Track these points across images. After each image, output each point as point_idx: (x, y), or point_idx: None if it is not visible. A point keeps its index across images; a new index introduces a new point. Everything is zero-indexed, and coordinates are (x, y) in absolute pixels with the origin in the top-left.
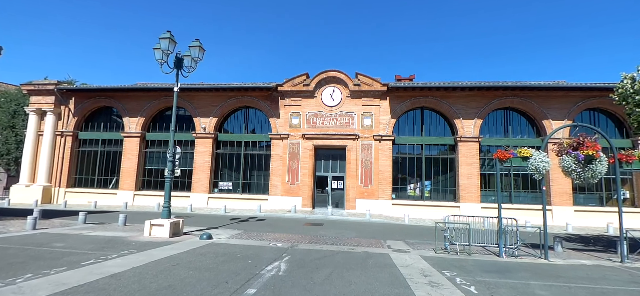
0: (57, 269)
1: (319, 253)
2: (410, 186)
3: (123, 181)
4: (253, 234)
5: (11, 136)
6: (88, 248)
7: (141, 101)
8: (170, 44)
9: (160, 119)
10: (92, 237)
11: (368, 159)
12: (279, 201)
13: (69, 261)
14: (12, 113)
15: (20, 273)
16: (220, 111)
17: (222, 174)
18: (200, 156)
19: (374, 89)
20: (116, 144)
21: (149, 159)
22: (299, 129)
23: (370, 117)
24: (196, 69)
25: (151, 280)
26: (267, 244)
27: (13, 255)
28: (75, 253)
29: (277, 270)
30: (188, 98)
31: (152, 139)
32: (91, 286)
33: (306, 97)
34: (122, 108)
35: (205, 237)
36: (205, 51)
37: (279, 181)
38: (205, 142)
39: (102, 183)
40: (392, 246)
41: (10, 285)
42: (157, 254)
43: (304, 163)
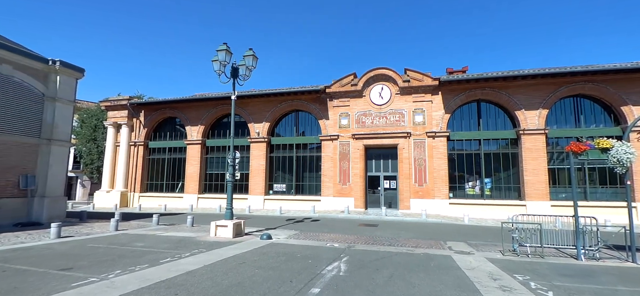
0: (141, 266)
1: (377, 254)
2: (468, 184)
3: (188, 185)
4: (310, 235)
5: (93, 148)
6: (164, 247)
7: (201, 110)
8: (226, 55)
9: (219, 126)
10: (166, 237)
11: (421, 158)
12: (331, 202)
13: (149, 259)
14: (94, 127)
15: (111, 270)
16: (272, 116)
17: (276, 176)
18: (256, 160)
19: (425, 84)
20: (180, 152)
21: (210, 164)
22: (349, 130)
23: (421, 113)
24: (250, 77)
25: (222, 278)
26: (324, 244)
27: (103, 253)
28: (153, 251)
29: (337, 270)
30: (242, 105)
31: (212, 145)
32: (171, 282)
33: (354, 97)
34: (185, 118)
35: (265, 237)
36: (258, 58)
37: (330, 182)
38: (260, 146)
39: (170, 187)
40: (454, 247)
41: (104, 280)
42: (224, 253)
43: (355, 163)
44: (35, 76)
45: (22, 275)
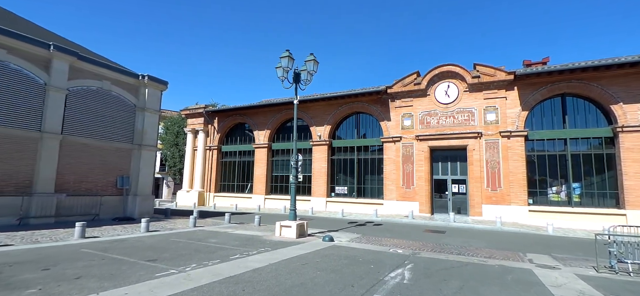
0: (213, 261)
1: (445, 263)
2: (551, 189)
3: (255, 187)
4: (372, 239)
5: (176, 152)
6: (234, 244)
7: (267, 116)
8: (289, 61)
9: (283, 130)
10: (236, 235)
11: (494, 160)
12: (394, 206)
13: (221, 255)
14: (176, 134)
15: (188, 263)
16: (333, 119)
17: (338, 179)
18: (318, 163)
19: (498, 79)
20: (249, 155)
21: (275, 166)
22: (412, 131)
23: (494, 111)
24: (312, 81)
25: (286, 277)
26: (387, 249)
27: (182, 247)
28: (225, 248)
29: (401, 277)
30: (304, 109)
31: (277, 148)
32: (239, 278)
33: (418, 97)
34: (252, 123)
35: (328, 239)
36: (319, 62)
37: (393, 185)
38: (321, 149)
39: (240, 188)
40: (535, 260)
41: (182, 273)
42: (287, 253)
43: (419, 166)
44: (128, 89)
45: (118, 264)
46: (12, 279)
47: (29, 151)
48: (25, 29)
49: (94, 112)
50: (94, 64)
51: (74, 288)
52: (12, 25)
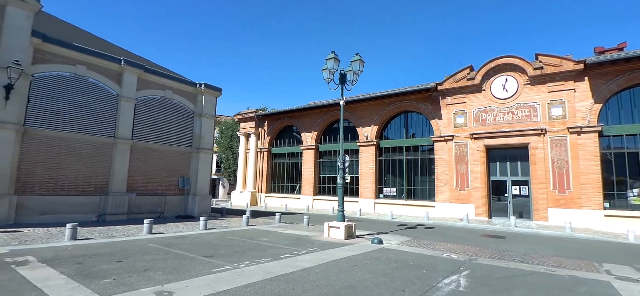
0: (265, 259)
1: (505, 271)
2: (632, 191)
3: (304, 187)
4: (423, 243)
5: (230, 154)
6: (284, 243)
7: (313, 118)
8: (334, 63)
9: (330, 132)
10: (286, 234)
11: (562, 159)
12: (447, 209)
13: (272, 254)
14: (230, 137)
15: (241, 260)
16: (380, 119)
17: (386, 180)
18: (365, 163)
19: (564, 69)
20: (297, 156)
21: (322, 167)
22: (465, 129)
23: (560, 105)
24: (357, 81)
25: (335, 278)
26: (440, 254)
27: (236, 245)
28: (275, 247)
29: (456, 284)
30: (351, 110)
31: (324, 150)
32: (289, 277)
33: (472, 93)
34: (300, 125)
35: (376, 242)
36: (364, 62)
37: (445, 186)
38: (368, 150)
39: (289, 189)
40: (614, 271)
41: (236, 269)
42: (336, 254)
43: (474, 166)
44: (187, 97)
45: (180, 259)
46: (92, 269)
47: (105, 155)
48: (97, 45)
49: (158, 119)
50: (158, 75)
51: (142, 279)
52: (87, 42)
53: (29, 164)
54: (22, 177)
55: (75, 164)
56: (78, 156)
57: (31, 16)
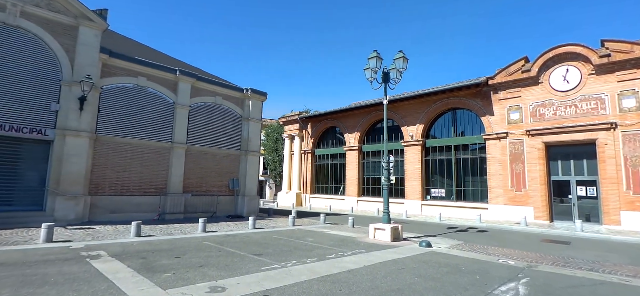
0: (310, 259)
1: (571, 279)
2: None
3: (348, 188)
4: (475, 247)
5: (275, 156)
6: (329, 244)
7: (356, 118)
8: (377, 61)
9: (373, 132)
10: (331, 235)
11: (636, 156)
12: (501, 211)
13: (317, 254)
14: (275, 140)
15: (288, 259)
16: (426, 117)
17: (433, 181)
18: (410, 164)
19: (636, 56)
20: (341, 157)
21: (366, 168)
22: (521, 125)
23: (633, 96)
24: (401, 79)
25: (381, 281)
26: (495, 259)
27: (283, 244)
28: (320, 247)
29: (514, 292)
30: (394, 109)
31: (368, 150)
32: (335, 278)
33: (527, 86)
34: (343, 126)
35: (425, 245)
36: (408, 59)
37: (499, 187)
38: (414, 149)
39: (333, 190)
40: None
41: (283, 268)
42: (382, 256)
43: (532, 165)
44: (235, 102)
45: (231, 256)
46: (154, 264)
47: (163, 159)
48: (154, 57)
49: (209, 124)
50: (208, 82)
51: (198, 275)
52: (145, 55)
53: (100, 168)
54: (95, 179)
55: (138, 168)
56: (141, 160)
57: (99, 34)
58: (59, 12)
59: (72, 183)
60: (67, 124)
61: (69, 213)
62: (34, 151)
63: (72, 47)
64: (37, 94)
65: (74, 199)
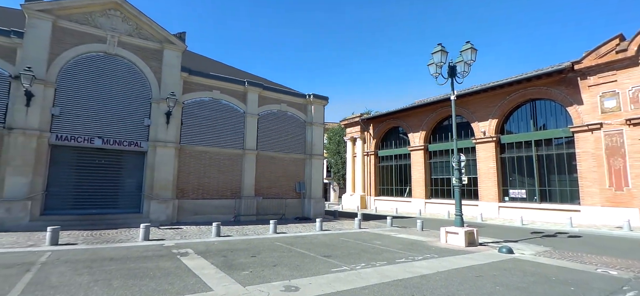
0: (379, 262)
1: None
2: None
3: (414, 190)
4: (567, 254)
5: (338, 159)
6: (398, 247)
7: (420, 117)
8: (441, 55)
9: (439, 130)
10: (399, 238)
11: None
12: (597, 213)
13: (386, 257)
14: (337, 143)
15: (357, 262)
16: (499, 111)
17: (511, 180)
18: (483, 162)
19: None
20: (405, 158)
21: (434, 168)
22: (618, 114)
23: None
24: (469, 72)
25: (458, 288)
26: (593, 269)
27: (350, 247)
28: (389, 250)
29: None
30: (463, 104)
31: (434, 150)
32: (407, 282)
33: (624, 68)
34: (406, 126)
35: (505, 251)
36: (477, 50)
37: (594, 186)
38: (487, 147)
39: (399, 191)
40: None
41: (352, 270)
42: (456, 262)
43: (635, 160)
44: (298, 108)
45: (301, 257)
46: (233, 262)
47: (236, 165)
48: (223, 71)
49: (276, 130)
50: (273, 91)
51: (273, 273)
52: (215, 69)
53: (184, 175)
54: (180, 185)
55: (215, 174)
56: (217, 167)
57: (180, 55)
58: (147, 39)
59: (162, 188)
60: (157, 137)
61: (161, 215)
62: (132, 161)
63: (158, 68)
64: (133, 112)
65: (165, 203)
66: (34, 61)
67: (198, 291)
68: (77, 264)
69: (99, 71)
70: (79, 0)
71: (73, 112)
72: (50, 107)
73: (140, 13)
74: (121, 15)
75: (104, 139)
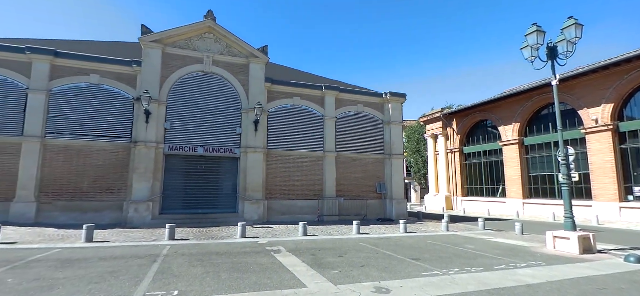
0: (475, 268)
1: None
2: None
3: (509, 189)
4: None
5: (418, 158)
6: (494, 253)
7: (512, 107)
8: (537, 36)
9: (536, 121)
10: (494, 243)
11: None
12: None
13: (483, 263)
14: (416, 140)
15: (449, 266)
16: (615, 93)
17: (636, 176)
18: (597, 155)
19: None
20: (496, 154)
21: (532, 165)
22: None
23: None
24: (574, 52)
25: None
26: None
27: (439, 250)
28: (484, 255)
29: None
30: (566, 89)
31: (531, 143)
32: (511, 292)
33: None
34: (496, 118)
35: (633, 260)
36: (583, 25)
37: None
38: (601, 137)
39: (490, 191)
40: None
41: (445, 275)
42: (570, 271)
43: None
44: (375, 107)
45: (388, 259)
46: (322, 260)
47: (318, 167)
48: (300, 77)
49: (354, 131)
50: (349, 92)
51: (362, 273)
52: (292, 76)
53: (271, 177)
54: (268, 186)
55: (299, 176)
56: (300, 169)
57: (263, 67)
58: (235, 56)
59: (254, 190)
60: (247, 143)
61: (253, 214)
62: (228, 166)
63: (245, 81)
64: (226, 122)
65: (256, 203)
66: (149, 84)
67: (293, 287)
68: (190, 257)
69: (198, 87)
70: (180, 29)
71: (180, 125)
72: (163, 122)
73: (229, 33)
74: (214, 37)
75: (204, 147)
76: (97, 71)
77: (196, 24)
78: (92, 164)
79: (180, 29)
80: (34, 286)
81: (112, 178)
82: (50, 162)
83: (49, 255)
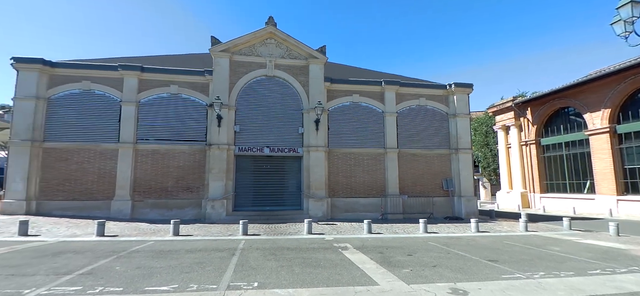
0: (565, 272)
1: None
2: None
3: (598, 185)
4: None
5: (487, 152)
6: (586, 256)
7: (601, 91)
8: (633, 8)
9: (632, 106)
10: (585, 245)
11: None
12: None
13: (573, 267)
14: (485, 133)
15: (532, 269)
16: None
17: None
18: None
19: None
20: (580, 145)
21: (628, 156)
22: None
23: None
24: None
25: None
26: None
27: (519, 252)
28: (574, 259)
29: None
30: None
31: (627, 131)
32: None
33: None
34: (580, 105)
35: None
36: None
37: None
38: None
39: (574, 187)
40: None
41: (529, 279)
42: None
43: None
44: (439, 100)
45: (462, 259)
46: (391, 259)
47: (379, 164)
48: (359, 74)
49: (416, 126)
50: (410, 86)
51: (435, 274)
52: (351, 74)
53: (333, 175)
54: (331, 184)
55: (361, 173)
56: (362, 166)
57: (322, 67)
58: (295, 58)
59: (317, 188)
60: (309, 142)
61: (317, 212)
62: (292, 165)
63: (306, 82)
64: (289, 122)
65: (320, 201)
66: (220, 91)
67: (365, 284)
68: (264, 251)
69: (262, 91)
70: (244, 37)
71: (247, 128)
72: (233, 125)
73: (288, 36)
74: (275, 42)
75: (270, 148)
76: (175, 82)
77: (258, 31)
78: (175, 165)
79: (245, 37)
80: (137, 274)
81: (192, 178)
82: (141, 165)
83: (145, 247)
